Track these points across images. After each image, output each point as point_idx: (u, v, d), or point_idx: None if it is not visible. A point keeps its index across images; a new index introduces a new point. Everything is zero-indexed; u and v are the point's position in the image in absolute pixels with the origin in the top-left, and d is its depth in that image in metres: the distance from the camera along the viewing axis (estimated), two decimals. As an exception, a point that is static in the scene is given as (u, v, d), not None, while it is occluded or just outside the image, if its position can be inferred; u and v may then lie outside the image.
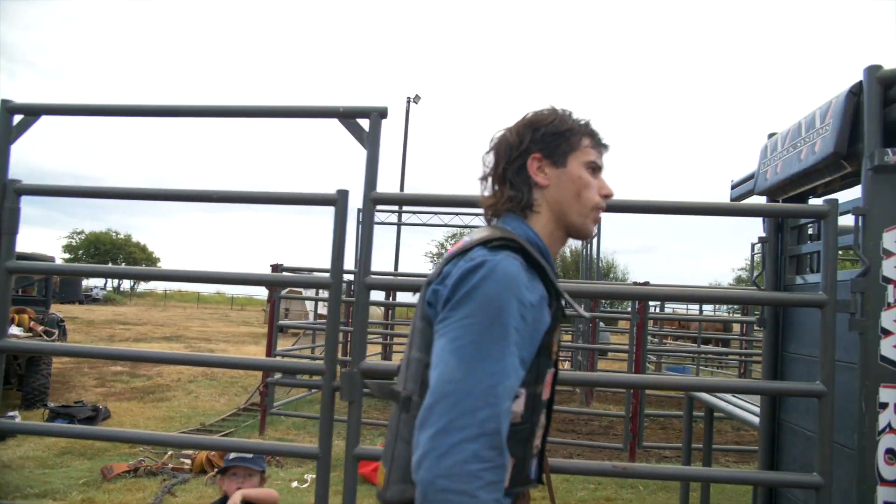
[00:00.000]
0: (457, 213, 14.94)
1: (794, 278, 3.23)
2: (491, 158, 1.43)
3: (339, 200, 2.79)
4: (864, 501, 2.24)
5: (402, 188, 21.85)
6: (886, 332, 2.26)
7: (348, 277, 7.20)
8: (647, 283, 8.12)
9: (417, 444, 1.10)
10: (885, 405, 2.23)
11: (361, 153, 2.82)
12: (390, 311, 12.41)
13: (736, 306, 14.19)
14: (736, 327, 14.89)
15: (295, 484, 5.47)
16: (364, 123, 2.80)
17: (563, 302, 1.32)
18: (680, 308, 17.78)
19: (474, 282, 1.16)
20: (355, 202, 2.82)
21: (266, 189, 5.62)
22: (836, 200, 2.54)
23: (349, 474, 2.69)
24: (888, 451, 2.20)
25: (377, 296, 11.16)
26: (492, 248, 1.22)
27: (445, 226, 15.78)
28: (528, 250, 1.25)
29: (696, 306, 15.37)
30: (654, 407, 9.48)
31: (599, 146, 1.43)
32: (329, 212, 2.82)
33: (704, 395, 4.09)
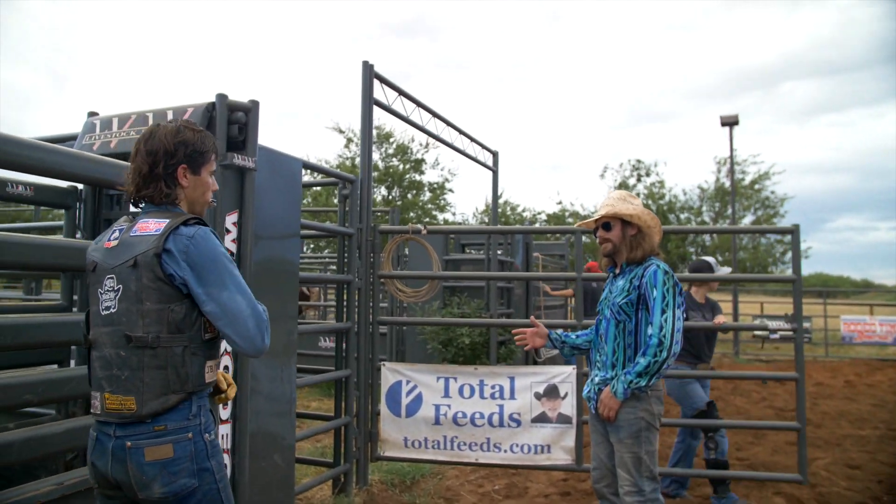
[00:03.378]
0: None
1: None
2: (149, 159, 1.89)
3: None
4: None
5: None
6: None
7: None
8: None
9: (245, 336, 1.82)
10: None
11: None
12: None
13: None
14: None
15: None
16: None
17: None
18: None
19: (206, 249, 1.82)
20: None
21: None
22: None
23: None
24: (225, 367, 3.19)
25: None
26: (192, 225, 1.85)
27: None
28: (205, 220, 1.92)
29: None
30: None
31: (218, 158, 2.13)
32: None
33: None
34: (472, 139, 6.81)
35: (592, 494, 4.74)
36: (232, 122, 3.33)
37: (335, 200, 9.36)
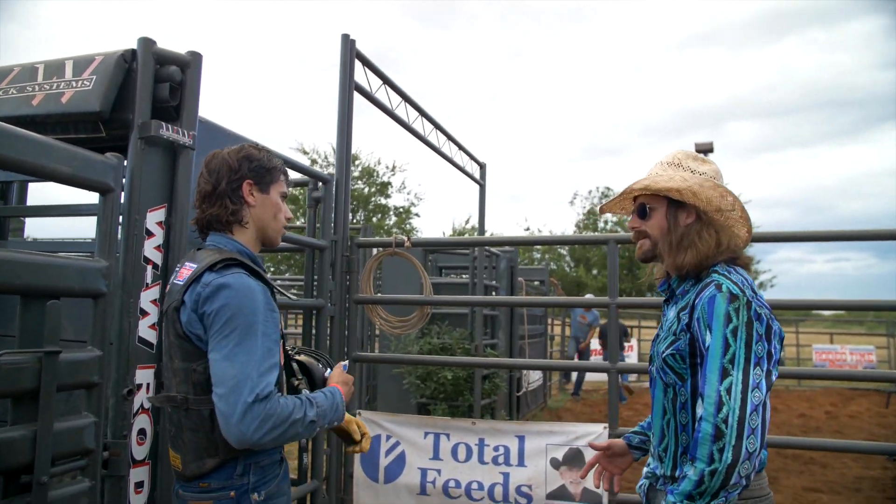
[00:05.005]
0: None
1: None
2: (212, 178, 1.70)
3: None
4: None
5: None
6: (144, 313, 2.18)
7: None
8: None
9: (229, 415, 1.47)
10: (139, 386, 2.17)
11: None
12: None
13: None
14: None
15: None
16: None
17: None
18: None
19: (220, 300, 1.52)
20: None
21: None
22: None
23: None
24: (140, 431, 2.17)
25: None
26: (218, 270, 1.56)
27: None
28: (244, 261, 1.62)
29: None
30: None
31: (287, 182, 1.83)
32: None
33: None
34: (461, 147, 5.87)
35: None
36: (161, 80, 2.30)
37: (301, 217, 8.19)
